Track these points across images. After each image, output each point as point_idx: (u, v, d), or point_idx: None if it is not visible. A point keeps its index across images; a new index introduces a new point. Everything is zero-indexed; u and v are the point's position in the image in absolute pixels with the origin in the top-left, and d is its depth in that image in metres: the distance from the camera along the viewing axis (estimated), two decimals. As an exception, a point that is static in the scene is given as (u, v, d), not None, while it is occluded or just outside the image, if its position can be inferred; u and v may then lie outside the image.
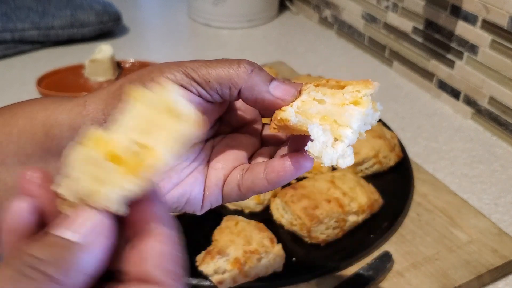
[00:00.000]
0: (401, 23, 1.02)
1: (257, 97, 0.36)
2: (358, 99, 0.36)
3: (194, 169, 0.39)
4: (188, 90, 0.35)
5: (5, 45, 1.09)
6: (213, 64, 0.35)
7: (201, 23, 1.27)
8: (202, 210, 0.39)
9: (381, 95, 1.00)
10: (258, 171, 0.37)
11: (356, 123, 0.35)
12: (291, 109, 0.36)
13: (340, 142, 0.35)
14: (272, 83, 0.36)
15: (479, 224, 0.68)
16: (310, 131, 0.34)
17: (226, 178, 0.39)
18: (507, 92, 0.84)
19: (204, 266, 0.59)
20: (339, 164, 0.35)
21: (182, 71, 0.35)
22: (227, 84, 0.35)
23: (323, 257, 0.62)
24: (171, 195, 0.37)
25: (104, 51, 0.99)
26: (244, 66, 0.36)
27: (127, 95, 0.27)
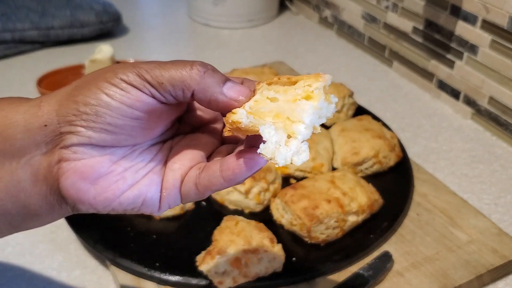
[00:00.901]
0: (401, 23, 1.02)
1: (211, 98, 0.36)
2: (309, 93, 0.36)
3: (150, 170, 0.39)
4: (141, 91, 0.35)
5: (5, 45, 1.09)
6: (167, 66, 0.35)
7: (201, 23, 1.27)
8: (160, 211, 0.39)
9: (381, 95, 1.00)
10: (214, 169, 0.37)
11: (308, 117, 0.35)
12: (242, 111, 0.35)
13: (294, 139, 0.34)
14: (226, 84, 0.36)
15: (479, 224, 0.68)
16: (262, 132, 0.34)
17: (183, 178, 0.39)
18: (507, 92, 0.84)
19: (204, 266, 0.59)
20: (294, 162, 0.34)
21: (136, 72, 0.35)
22: (180, 86, 0.35)
23: (323, 257, 0.62)
24: (125, 196, 0.37)
25: (104, 51, 0.99)
26: (197, 68, 0.35)
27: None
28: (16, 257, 0.65)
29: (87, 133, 0.35)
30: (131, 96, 0.35)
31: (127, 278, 0.60)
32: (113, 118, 0.35)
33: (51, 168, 0.36)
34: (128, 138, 0.36)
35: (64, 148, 0.35)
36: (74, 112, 0.35)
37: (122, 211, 0.38)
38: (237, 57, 1.13)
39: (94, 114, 0.34)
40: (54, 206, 0.37)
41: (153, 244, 0.63)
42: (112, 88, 0.34)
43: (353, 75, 1.07)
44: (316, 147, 0.75)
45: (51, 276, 0.63)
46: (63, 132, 0.35)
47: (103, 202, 0.37)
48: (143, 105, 0.35)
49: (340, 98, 0.84)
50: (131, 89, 0.35)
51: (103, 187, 0.36)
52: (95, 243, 0.63)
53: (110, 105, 0.34)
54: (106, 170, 0.36)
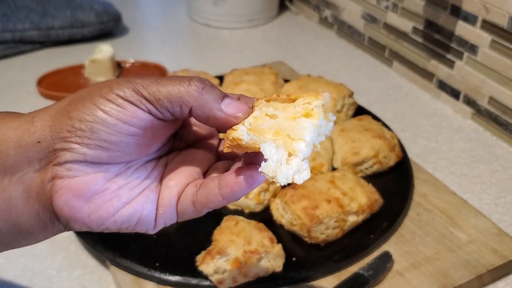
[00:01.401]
0: (401, 23, 1.02)
1: (209, 115, 0.35)
2: (309, 111, 0.36)
3: (146, 187, 0.38)
4: (138, 107, 0.34)
5: (5, 45, 1.09)
6: (164, 82, 0.35)
7: (201, 23, 1.27)
8: (155, 229, 0.39)
9: (381, 95, 1.00)
10: (212, 186, 0.36)
11: (309, 135, 0.35)
12: (243, 128, 0.35)
13: (295, 157, 0.34)
14: (224, 100, 0.36)
15: (479, 224, 0.68)
16: (263, 150, 0.34)
17: (180, 195, 0.38)
18: (507, 92, 0.84)
19: (204, 266, 0.59)
20: (295, 181, 0.34)
21: (132, 88, 0.34)
22: (178, 102, 0.35)
23: (323, 257, 0.62)
24: (120, 214, 0.36)
25: (104, 51, 0.99)
26: (195, 84, 0.35)
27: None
28: (17, 257, 0.65)
29: (81, 150, 0.34)
30: (128, 112, 0.34)
31: (127, 278, 0.60)
32: (109, 135, 0.34)
33: (44, 186, 0.35)
34: (123, 155, 0.36)
35: (58, 165, 0.34)
36: (68, 128, 0.34)
37: (116, 229, 0.37)
38: (237, 57, 1.13)
39: (89, 130, 0.34)
40: (46, 224, 0.36)
41: (153, 244, 0.63)
42: (108, 104, 0.34)
43: (353, 75, 1.07)
44: (316, 147, 0.75)
45: (51, 276, 0.63)
46: (57, 149, 0.34)
47: (97, 221, 0.36)
48: (139, 121, 0.35)
49: (340, 98, 0.84)
50: (128, 105, 0.34)
51: (97, 205, 0.36)
52: (95, 243, 0.63)
53: (105, 122, 0.34)
54: (100, 187, 0.36)
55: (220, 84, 0.91)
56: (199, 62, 1.11)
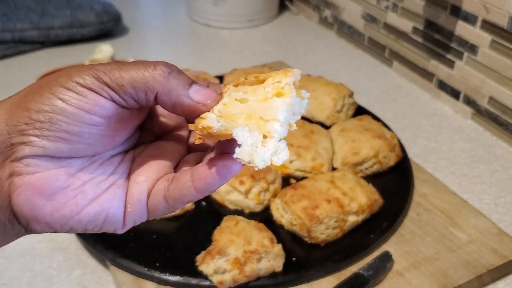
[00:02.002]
0: (401, 23, 1.02)
1: (176, 101, 0.33)
2: (280, 90, 0.34)
3: (113, 183, 0.35)
4: (99, 95, 0.32)
5: (5, 45, 1.09)
6: (127, 67, 0.33)
7: (201, 23, 1.27)
8: (124, 228, 0.36)
9: (381, 95, 1.00)
10: (184, 180, 0.34)
11: (283, 114, 0.33)
12: (212, 115, 0.33)
13: (270, 138, 0.32)
14: (192, 86, 0.34)
15: (479, 224, 0.68)
16: (236, 135, 0.32)
17: (150, 191, 0.35)
18: (507, 92, 0.84)
19: (204, 266, 0.59)
20: (274, 162, 0.32)
21: (93, 75, 0.32)
22: (143, 88, 0.32)
23: (323, 257, 0.62)
24: (85, 213, 0.34)
25: (104, 51, 0.99)
26: (160, 69, 0.33)
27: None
28: (16, 257, 0.65)
29: (40, 143, 0.32)
30: (89, 100, 0.32)
31: (127, 278, 0.60)
32: (69, 125, 0.32)
33: (2, 184, 0.32)
34: (86, 147, 0.33)
35: (16, 161, 0.32)
36: (26, 120, 0.32)
37: (82, 229, 0.34)
38: (237, 57, 1.13)
39: (48, 121, 0.31)
40: (5, 227, 0.33)
41: (153, 244, 0.63)
42: (68, 93, 0.32)
43: (353, 75, 1.07)
44: (316, 147, 0.75)
45: (51, 276, 0.63)
46: (14, 143, 0.32)
47: (61, 220, 0.33)
48: (102, 109, 0.32)
49: (340, 98, 0.84)
50: (89, 92, 0.32)
51: (60, 203, 0.33)
52: (95, 243, 0.63)
53: (65, 111, 0.31)
54: (63, 184, 0.33)
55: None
56: (199, 62, 1.11)
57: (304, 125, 0.79)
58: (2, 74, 1.05)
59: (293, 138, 0.75)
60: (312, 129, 0.78)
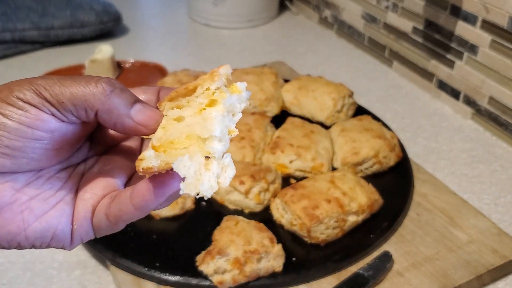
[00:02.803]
0: (401, 23, 1.02)
1: (116, 121, 0.33)
2: (212, 97, 0.32)
3: (60, 199, 0.34)
4: (40, 110, 0.31)
5: (5, 45, 1.09)
6: (68, 82, 0.32)
7: (201, 23, 1.27)
8: (72, 246, 0.35)
9: (381, 95, 1.00)
10: (124, 197, 0.33)
11: (218, 128, 0.31)
12: (149, 153, 0.31)
13: (212, 159, 0.31)
14: (134, 106, 0.33)
15: (479, 224, 0.68)
16: (177, 169, 0.30)
17: (95, 208, 0.35)
18: (507, 92, 0.84)
19: (204, 266, 0.59)
20: (221, 185, 0.31)
21: (33, 90, 0.31)
22: (82, 105, 0.32)
23: (323, 257, 0.62)
24: (32, 230, 0.33)
25: (104, 51, 0.99)
26: (102, 86, 0.32)
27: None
28: (17, 257, 0.65)
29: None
30: (30, 115, 0.31)
31: (127, 278, 0.60)
32: (11, 140, 0.31)
33: None
34: (30, 161, 0.32)
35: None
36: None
37: (29, 246, 0.34)
38: (237, 57, 1.13)
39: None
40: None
41: (153, 244, 0.63)
42: (8, 108, 0.31)
43: (353, 75, 1.07)
44: (316, 147, 0.75)
45: (51, 276, 0.63)
46: None
47: (7, 236, 0.33)
48: (44, 124, 0.32)
49: (340, 98, 0.84)
50: (29, 107, 0.31)
51: (6, 219, 0.32)
52: (95, 243, 0.63)
53: (6, 126, 0.31)
54: (8, 199, 0.32)
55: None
56: (199, 62, 1.11)
57: (304, 125, 0.79)
58: (2, 74, 1.05)
59: (293, 138, 0.75)
60: (312, 129, 0.78)
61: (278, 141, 0.75)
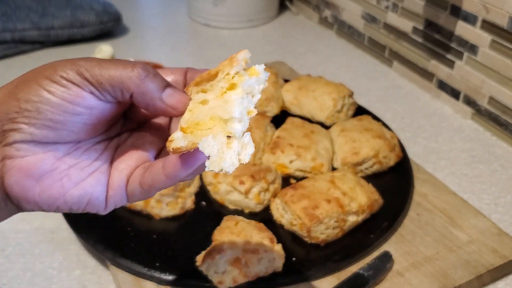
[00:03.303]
0: (401, 23, 1.02)
1: (149, 103, 0.36)
2: (232, 81, 0.35)
3: (96, 169, 0.38)
4: (81, 89, 0.35)
5: (5, 45, 1.09)
6: (107, 65, 0.35)
7: (201, 23, 1.27)
8: (106, 210, 0.39)
9: (381, 95, 1.00)
10: (157, 167, 0.37)
11: (237, 109, 0.34)
12: (178, 135, 0.35)
13: (233, 138, 0.34)
14: (166, 90, 0.37)
15: (479, 224, 0.68)
16: (202, 149, 0.33)
17: (129, 177, 0.38)
18: (507, 92, 0.84)
19: (204, 266, 0.59)
20: (241, 161, 0.34)
21: (75, 70, 0.35)
22: (119, 87, 0.35)
23: (323, 257, 0.62)
24: (70, 195, 0.37)
25: (104, 51, 0.99)
26: (137, 71, 0.35)
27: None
28: (17, 257, 0.65)
29: (29, 130, 0.35)
30: (72, 92, 0.35)
31: (127, 278, 0.60)
32: (54, 114, 0.35)
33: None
34: (70, 134, 0.36)
35: (7, 146, 0.35)
36: (16, 109, 0.35)
37: (67, 210, 0.38)
38: (237, 57, 1.13)
39: (35, 110, 0.34)
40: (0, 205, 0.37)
41: (153, 244, 0.63)
42: (53, 85, 0.35)
43: (353, 75, 1.07)
44: (316, 147, 0.75)
45: (51, 276, 0.63)
46: (6, 130, 0.35)
47: (48, 200, 0.36)
48: (83, 101, 0.35)
49: (340, 98, 0.84)
50: (72, 85, 0.35)
51: (47, 185, 0.36)
52: (95, 243, 0.63)
53: (51, 102, 0.35)
54: (50, 167, 0.36)
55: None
56: (199, 62, 1.11)
57: (304, 125, 0.79)
58: (2, 74, 1.05)
59: (293, 138, 0.75)
60: (312, 129, 0.78)
61: (278, 141, 0.75)
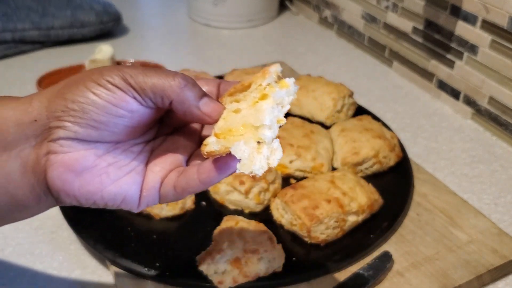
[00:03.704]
0: (401, 23, 1.02)
1: (186, 110, 0.39)
2: (263, 92, 0.38)
3: (133, 169, 0.41)
4: (125, 93, 0.38)
5: (5, 45, 1.09)
6: (150, 73, 0.38)
7: (201, 23, 1.27)
8: (139, 209, 0.42)
9: (381, 95, 1.00)
10: (192, 172, 0.40)
11: (268, 118, 0.36)
12: (212, 140, 0.38)
13: (263, 144, 0.37)
14: (202, 99, 0.39)
15: (479, 224, 0.68)
16: (234, 153, 0.36)
17: (163, 180, 0.41)
18: (507, 92, 0.84)
19: (204, 266, 0.59)
20: (270, 165, 0.37)
21: (121, 76, 0.37)
22: (160, 94, 0.38)
23: (323, 257, 0.62)
24: (108, 191, 0.39)
25: (104, 51, 0.99)
26: (178, 80, 0.38)
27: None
28: (17, 257, 0.65)
29: (73, 128, 0.37)
30: (116, 96, 0.37)
31: (127, 278, 0.60)
32: (99, 115, 0.37)
33: (40, 160, 0.38)
34: (111, 134, 0.39)
35: (52, 142, 0.38)
36: (62, 108, 0.37)
37: (103, 205, 0.40)
38: (237, 57, 1.13)
39: (81, 110, 0.37)
40: (40, 197, 0.39)
41: (153, 244, 0.63)
42: (99, 88, 0.37)
43: (353, 75, 1.07)
44: (316, 147, 0.75)
45: (51, 276, 0.63)
46: (51, 127, 0.37)
47: (86, 195, 0.39)
48: (126, 105, 0.38)
49: (340, 98, 0.84)
50: (116, 90, 0.37)
51: (87, 180, 0.39)
52: (95, 243, 0.63)
53: (96, 103, 0.37)
54: (90, 163, 0.39)
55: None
56: (199, 62, 1.11)
57: (304, 125, 0.79)
58: (2, 74, 1.05)
59: (293, 138, 0.75)
60: (312, 129, 0.78)
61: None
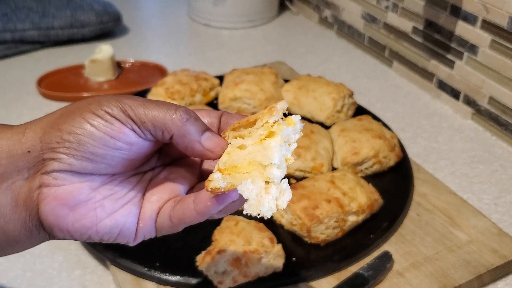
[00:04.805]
0: (401, 23, 1.02)
1: (188, 145, 0.37)
2: (270, 129, 0.37)
3: (129, 200, 0.39)
4: (124, 125, 0.36)
5: (5, 45, 1.09)
6: (151, 106, 0.37)
7: (201, 23, 1.27)
8: (135, 241, 0.40)
9: (381, 95, 1.00)
10: (188, 202, 0.38)
11: (277, 157, 0.35)
12: (217, 175, 0.36)
13: (272, 183, 0.35)
14: (204, 134, 0.38)
15: (479, 224, 0.68)
16: (241, 192, 0.35)
17: (160, 210, 0.39)
18: (507, 92, 0.84)
19: (204, 266, 0.59)
20: (279, 207, 0.35)
21: (120, 107, 0.36)
22: (161, 127, 0.36)
23: (323, 257, 0.62)
24: (103, 225, 0.37)
25: (104, 51, 0.99)
26: (180, 114, 0.37)
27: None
28: (17, 257, 0.65)
29: (68, 160, 0.35)
30: (115, 128, 0.36)
31: (127, 278, 0.60)
32: (95, 148, 0.36)
33: (32, 194, 0.36)
34: (108, 167, 0.37)
35: (45, 174, 0.36)
36: (57, 139, 0.35)
37: (98, 239, 0.38)
38: (237, 57, 1.13)
39: (77, 142, 0.35)
40: (32, 232, 0.37)
41: (153, 244, 0.63)
42: (97, 119, 0.35)
43: (353, 75, 1.07)
44: (316, 147, 0.75)
45: (51, 276, 0.63)
46: (45, 159, 0.36)
47: (81, 229, 0.37)
48: (125, 137, 0.36)
49: (340, 98, 0.84)
50: (115, 121, 0.36)
51: (81, 214, 0.37)
52: (95, 243, 0.63)
53: (93, 135, 0.35)
54: (85, 197, 0.37)
55: (220, 84, 0.91)
56: (199, 62, 1.11)
57: (304, 125, 0.79)
58: (2, 74, 1.05)
59: (293, 138, 0.75)
60: (312, 129, 0.78)
61: (278, 141, 0.75)
